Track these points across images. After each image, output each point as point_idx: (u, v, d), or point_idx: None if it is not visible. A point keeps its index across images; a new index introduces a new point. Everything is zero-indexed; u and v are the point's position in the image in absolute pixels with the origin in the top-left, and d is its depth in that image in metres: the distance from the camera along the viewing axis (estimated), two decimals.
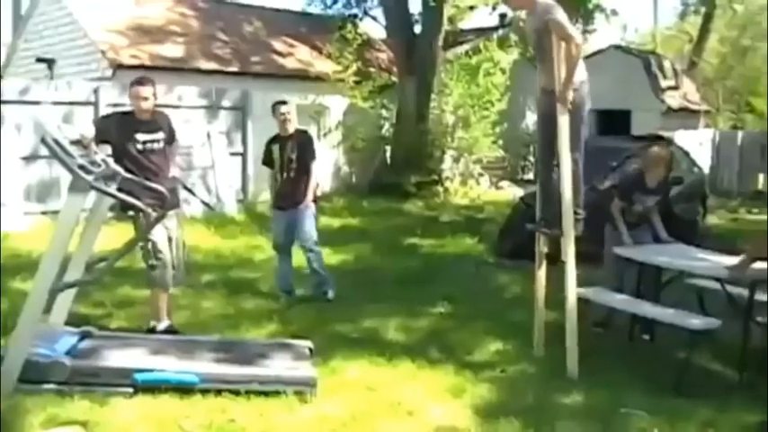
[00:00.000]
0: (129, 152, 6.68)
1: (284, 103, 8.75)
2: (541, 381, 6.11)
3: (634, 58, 22.48)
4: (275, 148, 8.59)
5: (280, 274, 8.78)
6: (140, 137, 6.77)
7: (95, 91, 13.62)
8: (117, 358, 5.67)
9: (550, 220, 6.59)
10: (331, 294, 8.61)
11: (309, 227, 8.62)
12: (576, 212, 6.36)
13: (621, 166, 12.37)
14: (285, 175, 8.51)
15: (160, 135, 6.92)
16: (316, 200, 8.72)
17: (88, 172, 5.37)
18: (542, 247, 6.83)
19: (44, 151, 5.62)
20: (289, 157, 8.49)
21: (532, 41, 6.59)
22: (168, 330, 6.92)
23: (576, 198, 6.39)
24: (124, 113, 7.13)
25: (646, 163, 7.93)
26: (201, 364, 5.64)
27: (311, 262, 8.66)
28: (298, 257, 8.76)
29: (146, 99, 6.84)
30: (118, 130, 6.75)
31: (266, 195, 16.49)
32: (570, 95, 6.18)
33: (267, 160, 8.69)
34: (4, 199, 12.04)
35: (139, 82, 6.95)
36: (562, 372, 6.21)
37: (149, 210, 5.82)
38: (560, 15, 6.13)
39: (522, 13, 24.79)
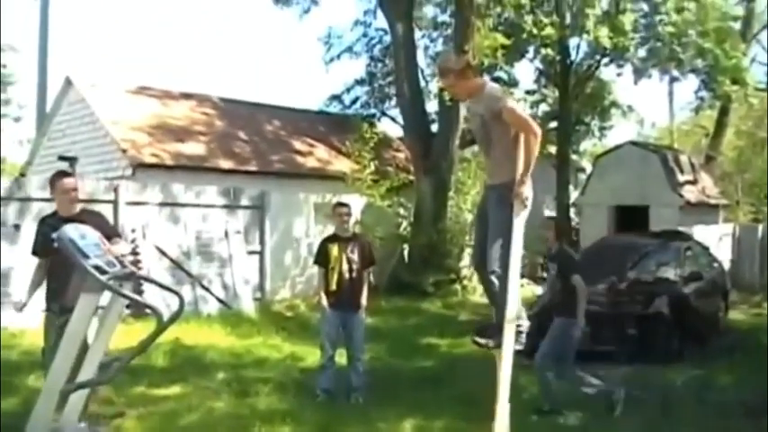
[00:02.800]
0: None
1: (345, 204, 8.91)
2: None
3: (651, 154, 22.54)
4: (333, 247, 8.61)
5: (325, 373, 8.65)
6: None
7: (115, 189, 13.75)
8: None
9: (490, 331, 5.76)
10: (361, 400, 8.51)
11: (361, 334, 8.71)
12: (518, 325, 5.59)
13: (640, 262, 12.33)
14: (345, 275, 8.50)
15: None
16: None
17: (103, 272, 5.35)
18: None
19: None
20: (349, 258, 8.53)
21: (476, 129, 5.89)
22: None
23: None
24: (46, 217, 6.69)
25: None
26: None
27: (356, 368, 8.67)
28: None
29: (74, 190, 6.60)
30: (42, 233, 6.33)
31: (283, 294, 16.69)
32: (527, 192, 5.47)
33: (321, 259, 8.68)
34: (20, 296, 12.05)
35: (64, 173, 6.77)
36: None
37: (160, 311, 5.67)
38: (513, 103, 5.71)
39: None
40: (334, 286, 8.54)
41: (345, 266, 8.51)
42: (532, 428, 7.08)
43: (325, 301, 8.62)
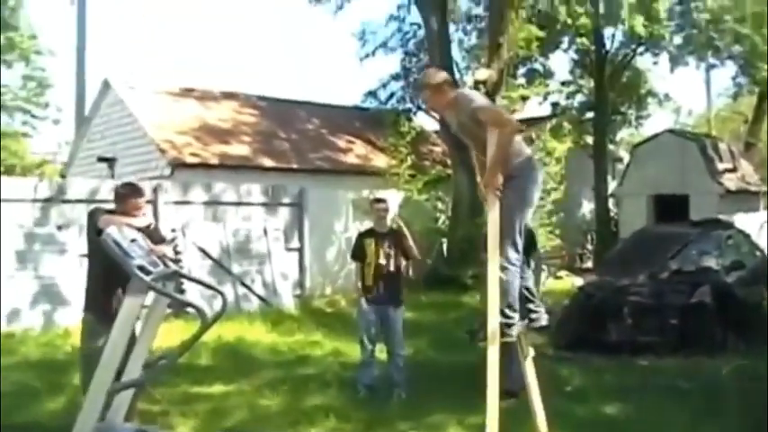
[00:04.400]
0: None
1: (382, 200, 9.00)
2: None
3: (689, 142, 22.34)
4: (370, 242, 8.64)
5: (366, 369, 8.70)
6: None
7: (154, 190, 13.88)
8: None
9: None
10: (403, 395, 8.51)
11: (400, 330, 8.70)
12: (505, 315, 5.48)
13: (681, 251, 12.22)
14: (382, 270, 8.52)
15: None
16: None
17: (147, 272, 5.39)
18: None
19: None
20: (387, 253, 8.54)
21: (469, 140, 5.75)
22: None
23: (504, 300, 5.46)
24: (97, 210, 6.54)
25: None
26: None
27: (396, 364, 8.68)
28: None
29: (142, 208, 6.59)
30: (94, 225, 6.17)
31: (323, 290, 16.74)
32: (500, 181, 5.28)
33: (358, 254, 8.73)
34: (66, 296, 12.24)
35: (137, 191, 6.63)
36: None
37: (204, 310, 5.66)
38: (483, 101, 5.63)
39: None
40: (370, 281, 8.56)
41: (383, 261, 8.52)
42: (574, 419, 7.05)
43: (362, 297, 8.66)
